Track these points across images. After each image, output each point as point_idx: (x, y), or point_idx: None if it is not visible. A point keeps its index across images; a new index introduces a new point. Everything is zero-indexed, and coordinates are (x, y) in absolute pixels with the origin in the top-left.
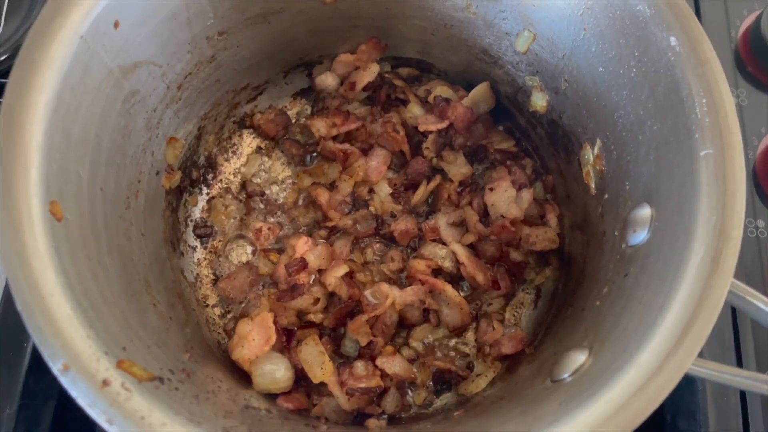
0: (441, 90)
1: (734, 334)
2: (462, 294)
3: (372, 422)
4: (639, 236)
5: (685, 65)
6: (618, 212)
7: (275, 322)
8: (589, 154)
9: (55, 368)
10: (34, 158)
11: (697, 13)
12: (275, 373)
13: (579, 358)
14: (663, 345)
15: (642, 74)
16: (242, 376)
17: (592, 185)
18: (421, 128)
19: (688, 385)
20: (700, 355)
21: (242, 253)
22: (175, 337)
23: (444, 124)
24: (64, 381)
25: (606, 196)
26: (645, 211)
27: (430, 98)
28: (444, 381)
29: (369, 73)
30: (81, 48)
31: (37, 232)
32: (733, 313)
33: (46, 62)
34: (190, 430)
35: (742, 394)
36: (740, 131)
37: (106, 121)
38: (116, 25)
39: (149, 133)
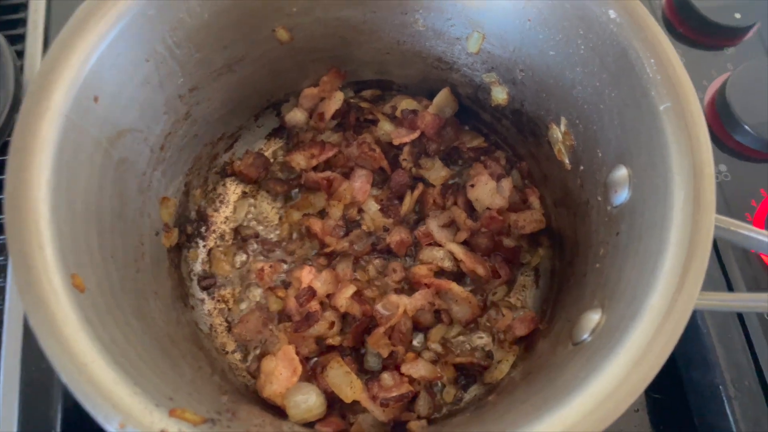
0: (406, 103)
1: (720, 266)
2: (467, 289)
3: (413, 424)
4: (621, 196)
5: (627, 33)
6: (596, 179)
7: (297, 353)
8: (557, 133)
9: (112, 428)
10: (45, 236)
11: None
12: (308, 401)
13: (594, 318)
14: (669, 285)
15: (590, 49)
16: (278, 411)
17: (566, 161)
18: (396, 142)
19: (694, 333)
20: None
21: (250, 296)
22: (208, 383)
23: (416, 135)
24: None
25: (581, 167)
26: (621, 172)
27: (398, 113)
28: (468, 375)
29: (335, 102)
30: (68, 126)
31: (64, 306)
32: (715, 247)
33: (39, 145)
34: None
35: (744, 328)
36: None
37: (103, 190)
38: (96, 99)
39: (142, 196)
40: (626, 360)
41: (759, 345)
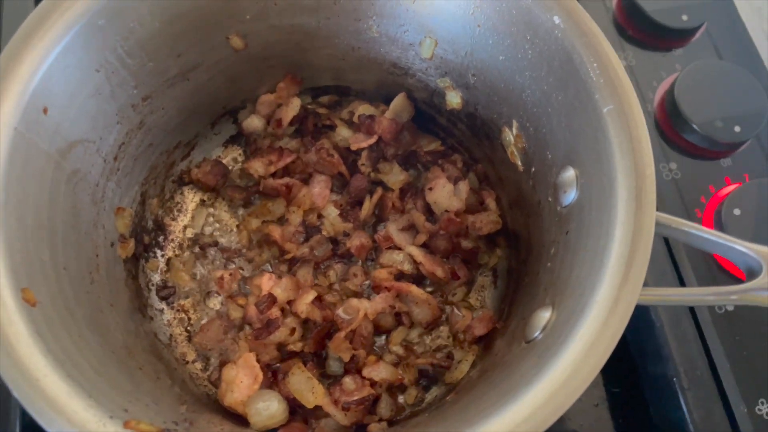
0: (363, 109)
1: (672, 262)
2: (427, 291)
3: (373, 426)
4: (570, 196)
5: (571, 38)
6: (547, 180)
7: (258, 360)
8: (509, 136)
9: None
10: None
11: None
12: (269, 408)
13: (545, 316)
14: (613, 281)
15: (538, 54)
16: (240, 420)
17: (519, 163)
18: (353, 147)
19: (648, 327)
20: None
21: (210, 304)
22: (167, 393)
23: (373, 139)
24: None
25: (533, 169)
26: (570, 173)
27: (355, 118)
28: (429, 376)
29: (292, 108)
30: (17, 139)
31: (15, 321)
32: (666, 244)
33: None
34: None
35: (696, 322)
36: (634, 87)
37: (54, 203)
38: (45, 110)
39: (96, 207)
40: (574, 355)
41: (710, 337)
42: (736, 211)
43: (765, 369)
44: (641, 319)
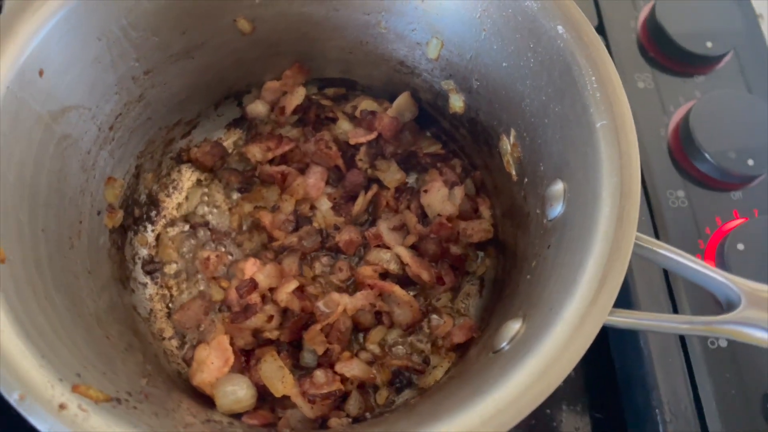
0: (366, 104)
1: (668, 291)
2: (411, 293)
3: (334, 421)
4: (556, 210)
5: (573, 49)
6: (537, 192)
7: (232, 344)
8: (507, 144)
9: (12, 399)
10: None
11: (599, 12)
12: (237, 393)
13: (514, 327)
14: (583, 298)
15: (539, 63)
16: (206, 400)
17: (513, 172)
18: (352, 141)
19: (636, 354)
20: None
21: (193, 284)
22: (131, 365)
23: (373, 135)
24: (22, 410)
25: (526, 179)
26: (558, 187)
27: (357, 113)
28: (403, 378)
29: (297, 97)
30: (8, 97)
31: None
32: (665, 271)
33: None
34: None
35: (686, 354)
36: (650, 110)
37: (40, 165)
38: (41, 73)
39: (86, 174)
40: (532, 370)
41: (699, 372)
42: (740, 246)
43: (752, 410)
44: (630, 346)
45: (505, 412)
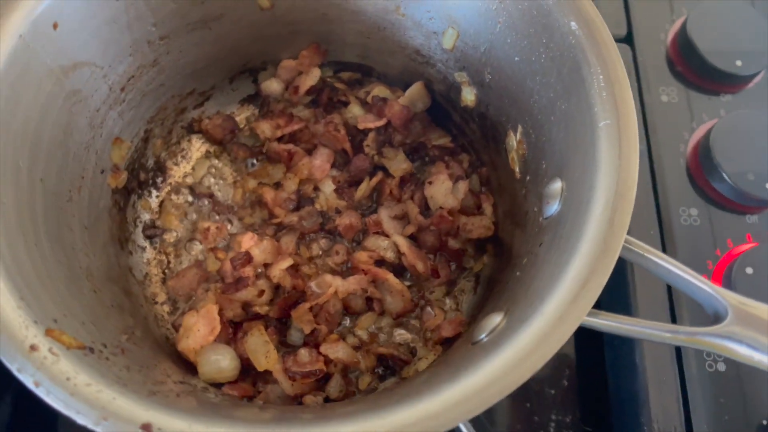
0: (379, 90)
1: (670, 301)
2: (406, 284)
3: (309, 398)
4: (552, 208)
5: (584, 46)
6: (537, 190)
7: (221, 315)
8: (513, 141)
9: None
10: None
11: (629, 22)
12: (220, 362)
13: (495, 320)
14: (565, 296)
15: (550, 59)
16: (187, 367)
17: (517, 169)
18: (361, 126)
19: (629, 368)
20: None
21: (192, 252)
22: (114, 321)
23: (382, 122)
24: None
25: (528, 177)
26: (557, 185)
27: (369, 98)
28: (388, 367)
29: (311, 77)
30: (20, 46)
31: None
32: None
33: None
34: (114, 390)
35: (681, 373)
36: (671, 125)
37: (46, 117)
38: (55, 26)
39: (92, 132)
40: (503, 363)
41: (693, 394)
42: (749, 270)
43: None
44: (624, 360)
45: (469, 400)
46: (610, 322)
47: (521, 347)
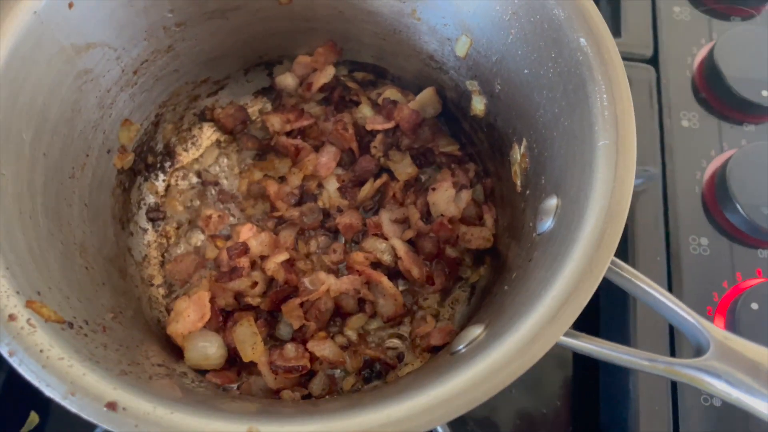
0: (390, 93)
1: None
2: (400, 289)
3: (286, 393)
4: (545, 224)
5: (591, 63)
6: (535, 205)
7: (212, 302)
8: (517, 154)
9: None
10: None
11: (656, 43)
12: (207, 349)
13: (475, 332)
14: (543, 314)
15: (557, 74)
16: (174, 351)
17: (518, 183)
18: (369, 127)
19: (622, 395)
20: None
21: (192, 239)
22: (103, 299)
23: (390, 125)
24: None
25: (528, 191)
26: (552, 201)
27: (380, 100)
28: (374, 370)
29: (325, 75)
30: (34, 23)
31: None
32: None
33: None
34: (86, 366)
35: (675, 405)
36: (689, 151)
37: (55, 93)
38: (71, 5)
39: (101, 111)
40: (474, 375)
41: (685, 427)
42: (754, 305)
43: None
44: (618, 387)
45: (434, 410)
46: (589, 345)
47: (494, 362)
